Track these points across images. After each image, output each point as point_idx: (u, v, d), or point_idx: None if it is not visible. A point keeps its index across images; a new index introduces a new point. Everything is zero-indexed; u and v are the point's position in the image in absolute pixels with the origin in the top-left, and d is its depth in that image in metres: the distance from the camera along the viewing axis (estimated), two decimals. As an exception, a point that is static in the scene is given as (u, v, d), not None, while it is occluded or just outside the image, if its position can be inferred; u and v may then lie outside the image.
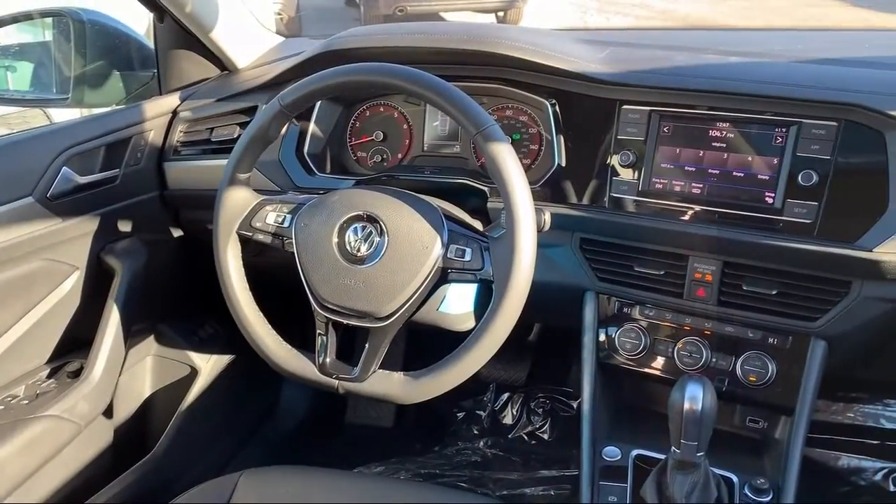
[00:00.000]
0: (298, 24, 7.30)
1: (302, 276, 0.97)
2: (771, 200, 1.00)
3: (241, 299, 1.02)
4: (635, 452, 1.11)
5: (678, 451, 0.91)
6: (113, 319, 1.29)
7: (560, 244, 1.15)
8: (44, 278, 1.23)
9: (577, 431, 1.15)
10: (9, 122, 2.59)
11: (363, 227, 0.95)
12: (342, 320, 0.95)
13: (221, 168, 1.03)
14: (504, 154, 0.88)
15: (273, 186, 1.27)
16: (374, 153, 1.33)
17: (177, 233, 1.50)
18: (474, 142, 0.95)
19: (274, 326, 1.02)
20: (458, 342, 0.91)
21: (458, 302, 1.03)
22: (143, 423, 1.48)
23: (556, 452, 1.76)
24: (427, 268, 0.91)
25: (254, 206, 1.03)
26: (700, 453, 0.91)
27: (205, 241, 1.11)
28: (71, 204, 1.23)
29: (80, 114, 1.56)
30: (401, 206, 0.95)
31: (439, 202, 1.01)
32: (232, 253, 1.03)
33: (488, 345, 0.89)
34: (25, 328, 1.22)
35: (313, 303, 0.97)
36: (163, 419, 1.47)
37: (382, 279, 0.92)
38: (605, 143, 1.09)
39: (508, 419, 1.88)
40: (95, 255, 1.30)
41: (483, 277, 0.91)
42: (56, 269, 1.25)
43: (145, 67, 1.54)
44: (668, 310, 1.12)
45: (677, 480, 0.94)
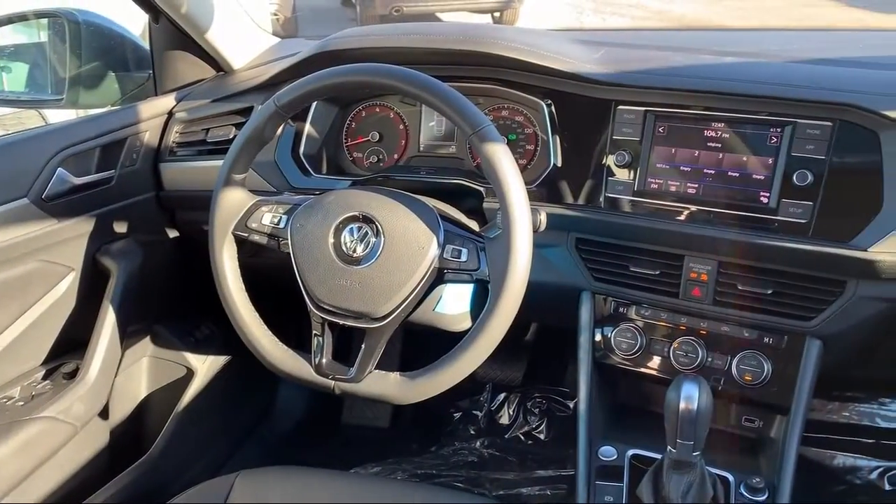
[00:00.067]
0: (295, 24, 7.28)
1: (298, 277, 0.97)
2: (766, 200, 1.00)
3: (237, 300, 1.02)
4: (631, 452, 1.12)
5: (674, 450, 0.92)
6: (109, 320, 1.28)
7: (556, 244, 1.15)
8: (39, 279, 1.23)
9: (574, 431, 1.15)
10: (4, 123, 2.58)
11: (359, 228, 0.95)
12: (338, 321, 0.95)
13: (217, 169, 1.03)
14: (500, 154, 0.88)
15: (269, 187, 1.26)
16: (370, 154, 1.33)
17: (172, 234, 1.50)
18: (470, 142, 0.95)
19: (270, 327, 1.02)
20: (455, 342, 0.91)
21: (454, 302, 1.03)
22: (140, 424, 1.48)
23: (553, 452, 1.76)
24: (423, 268, 0.91)
25: (249, 207, 1.03)
26: (696, 453, 0.91)
27: (201, 241, 1.11)
28: (66, 205, 1.22)
29: (75, 114, 1.55)
30: (397, 207, 0.95)
31: (435, 202, 1.01)
32: (228, 254, 1.02)
33: (484, 345, 0.89)
34: (21, 329, 1.22)
35: (309, 303, 0.97)
36: (159, 420, 1.47)
37: (378, 280, 0.92)
38: (600, 143, 1.10)
39: (505, 419, 1.88)
40: (91, 256, 1.30)
41: (479, 278, 0.91)
42: (52, 271, 1.24)
43: (141, 68, 1.54)
44: (664, 309, 1.12)
45: (673, 480, 0.94)
